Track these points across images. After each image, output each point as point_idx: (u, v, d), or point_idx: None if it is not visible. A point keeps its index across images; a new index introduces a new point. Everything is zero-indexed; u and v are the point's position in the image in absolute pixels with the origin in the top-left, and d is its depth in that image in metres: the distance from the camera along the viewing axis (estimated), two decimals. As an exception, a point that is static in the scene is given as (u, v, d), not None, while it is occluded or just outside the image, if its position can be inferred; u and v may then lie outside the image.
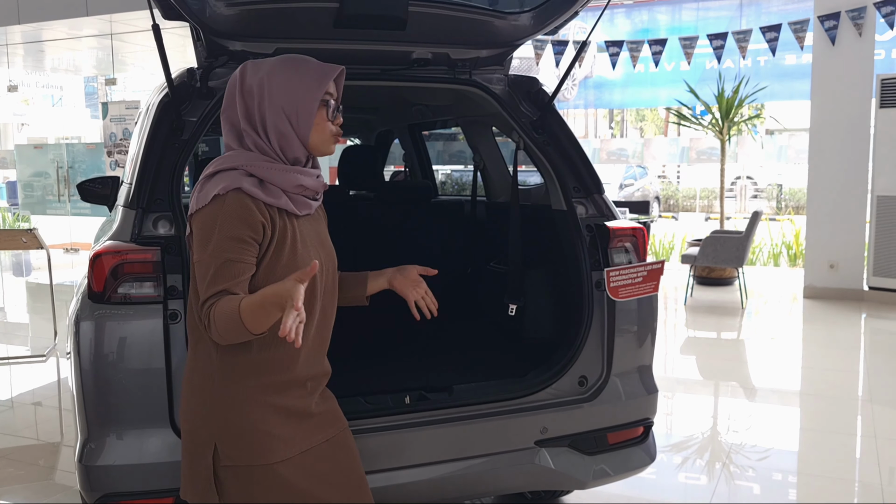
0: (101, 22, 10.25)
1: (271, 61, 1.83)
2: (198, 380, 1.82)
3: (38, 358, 5.71)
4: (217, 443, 1.78)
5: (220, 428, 1.78)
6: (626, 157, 14.47)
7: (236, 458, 1.78)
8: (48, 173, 12.02)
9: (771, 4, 9.68)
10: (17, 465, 3.84)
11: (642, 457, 2.76)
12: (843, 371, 5.39)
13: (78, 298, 2.29)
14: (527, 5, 2.73)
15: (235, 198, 1.70)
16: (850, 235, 7.64)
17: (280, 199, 1.77)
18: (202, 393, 1.81)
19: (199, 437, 1.81)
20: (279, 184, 1.77)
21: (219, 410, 1.79)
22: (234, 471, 1.79)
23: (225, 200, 1.70)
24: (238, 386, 1.79)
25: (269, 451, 1.79)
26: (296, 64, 1.82)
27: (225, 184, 1.71)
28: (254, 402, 1.79)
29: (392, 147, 5.35)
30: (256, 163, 1.76)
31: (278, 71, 1.80)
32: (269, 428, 1.79)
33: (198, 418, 1.82)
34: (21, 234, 5.58)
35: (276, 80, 1.78)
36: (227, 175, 1.74)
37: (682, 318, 7.17)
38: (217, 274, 1.67)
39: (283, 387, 1.82)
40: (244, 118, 1.79)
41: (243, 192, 1.71)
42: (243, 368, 1.79)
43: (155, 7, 2.21)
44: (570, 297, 2.74)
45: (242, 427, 1.78)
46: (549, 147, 2.81)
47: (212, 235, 1.69)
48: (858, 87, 7.50)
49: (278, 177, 1.77)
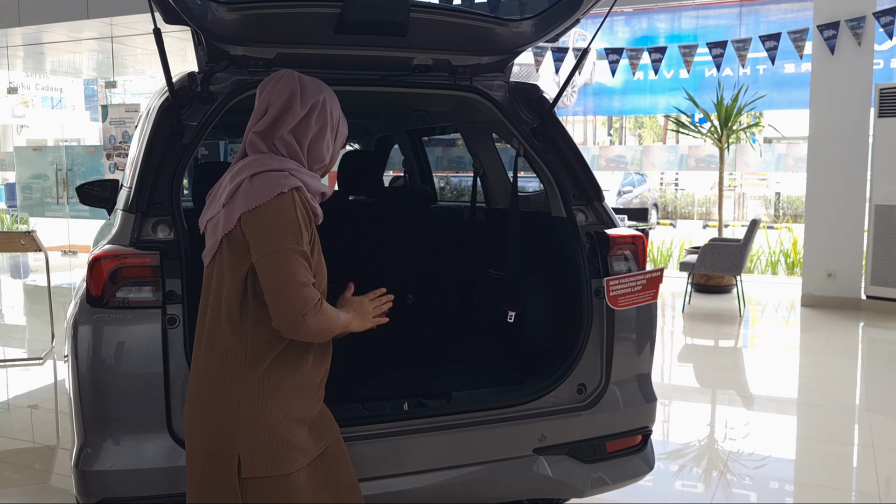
0: (101, 25, 10.27)
1: (322, 83, 1.95)
2: (224, 391, 1.79)
3: (36, 361, 5.70)
4: (241, 454, 1.76)
5: (246, 438, 1.76)
6: (624, 164, 14.48)
7: (258, 469, 1.77)
8: (47, 175, 12.01)
9: (770, 13, 9.72)
10: (13, 469, 3.83)
11: (640, 465, 2.76)
12: (841, 380, 5.39)
13: (76, 302, 2.28)
14: (528, 13, 2.74)
15: (299, 197, 1.78)
16: (849, 244, 7.64)
17: (317, 206, 1.86)
18: (229, 404, 1.78)
19: (222, 448, 1.78)
20: (312, 189, 1.85)
21: (246, 421, 1.76)
22: (255, 482, 1.77)
23: (290, 198, 1.76)
24: (267, 395, 1.78)
25: (289, 460, 1.79)
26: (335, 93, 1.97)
27: (287, 182, 1.77)
28: (278, 410, 1.79)
29: (391, 152, 5.35)
30: (300, 168, 1.85)
31: (332, 96, 1.94)
32: (290, 437, 1.80)
33: (222, 429, 1.78)
34: (19, 236, 5.57)
35: (334, 103, 1.93)
36: (278, 175, 1.78)
37: (680, 326, 7.17)
38: (308, 264, 1.75)
39: (299, 393, 1.83)
40: (298, 125, 1.87)
41: (304, 193, 1.80)
42: (272, 377, 1.79)
43: (156, 11, 2.21)
44: (569, 304, 2.74)
45: (267, 437, 1.77)
46: (550, 154, 2.81)
47: (291, 228, 1.74)
48: (857, 96, 7.52)
49: (313, 183, 1.86)
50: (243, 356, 1.78)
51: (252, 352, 1.78)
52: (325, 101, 1.91)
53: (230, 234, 1.78)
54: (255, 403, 1.77)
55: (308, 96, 1.89)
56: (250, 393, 1.77)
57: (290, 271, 1.71)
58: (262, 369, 1.78)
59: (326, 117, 1.91)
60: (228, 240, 1.78)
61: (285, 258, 1.71)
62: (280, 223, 1.73)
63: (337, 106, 1.95)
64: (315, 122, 1.89)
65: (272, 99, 1.88)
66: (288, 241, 1.72)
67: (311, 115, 1.88)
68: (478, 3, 3.70)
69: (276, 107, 1.87)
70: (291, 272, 1.71)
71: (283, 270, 1.71)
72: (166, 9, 2.22)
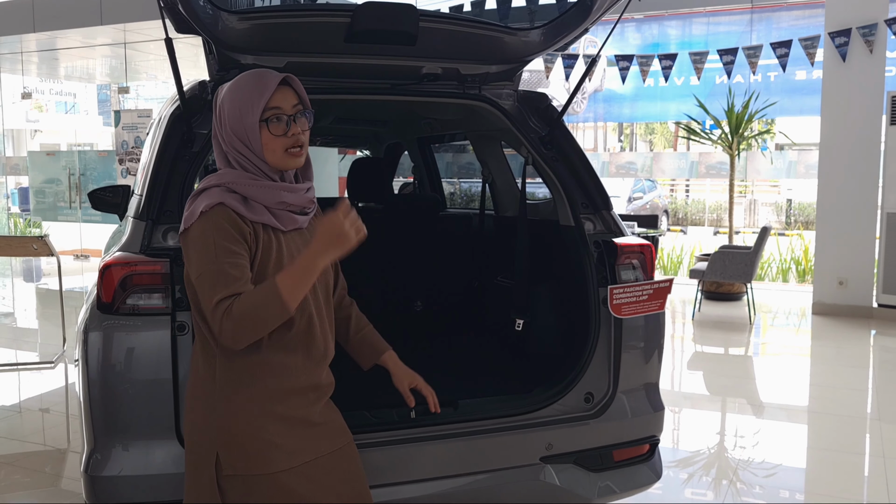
0: (114, 31, 10.36)
1: (227, 84, 1.87)
2: (200, 389, 1.85)
3: (47, 364, 5.74)
4: (219, 451, 1.80)
5: (222, 436, 1.80)
6: (634, 170, 14.44)
7: (238, 467, 1.80)
8: (60, 180, 12.10)
9: (781, 20, 9.69)
10: (24, 472, 3.85)
11: (648, 474, 2.75)
12: (852, 389, 5.36)
13: (87, 308, 2.30)
14: (537, 22, 2.75)
15: (220, 212, 1.75)
16: (860, 252, 7.60)
17: (263, 216, 1.81)
18: (204, 402, 1.83)
19: (202, 446, 1.83)
20: (261, 200, 1.81)
21: (220, 419, 1.80)
22: (236, 480, 1.80)
23: (210, 216, 1.75)
24: (239, 395, 1.80)
25: (270, 460, 1.80)
26: (238, 84, 1.84)
27: (208, 201, 1.75)
28: (254, 410, 1.81)
29: (401, 158, 5.36)
30: (239, 180, 1.80)
31: (227, 95, 1.84)
32: (270, 437, 1.81)
33: (200, 427, 1.84)
34: (32, 240, 5.62)
35: (226, 104, 1.83)
36: (211, 192, 1.79)
37: (690, 333, 7.14)
38: (224, 279, 1.69)
39: (283, 395, 1.84)
40: (220, 139, 1.85)
41: (227, 207, 1.76)
42: (244, 377, 1.81)
43: (168, 20, 2.23)
44: (576, 313, 2.74)
45: (243, 436, 1.80)
46: (558, 163, 2.81)
47: (207, 250, 1.73)
48: (869, 103, 7.49)
49: (260, 193, 1.81)
50: (221, 359, 1.81)
51: (221, 353, 1.80)
52: (222, 104, 1.83)
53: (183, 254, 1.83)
54: (230, 402, 1.80)
55: (217, 103, 1.86)
56: (224, 393, 1.80)
57: (201, 287, 1.72)
58: (234, 369, 1.80)
59: (223, 118, 1.82)
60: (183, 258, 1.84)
61: (199, 277, 1.73)
62: (199, 245, 1.74)
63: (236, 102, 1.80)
64: (222, 128, 1.83)
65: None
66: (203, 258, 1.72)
67: (217, 123, 1.85)
68: (487, 12, 3.71)
69: (213, 119, 1.88)
70: (202, 287, 1.72)
71: (199, 288, 1.73)
72: (178, 18, 2.24)
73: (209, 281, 1.70)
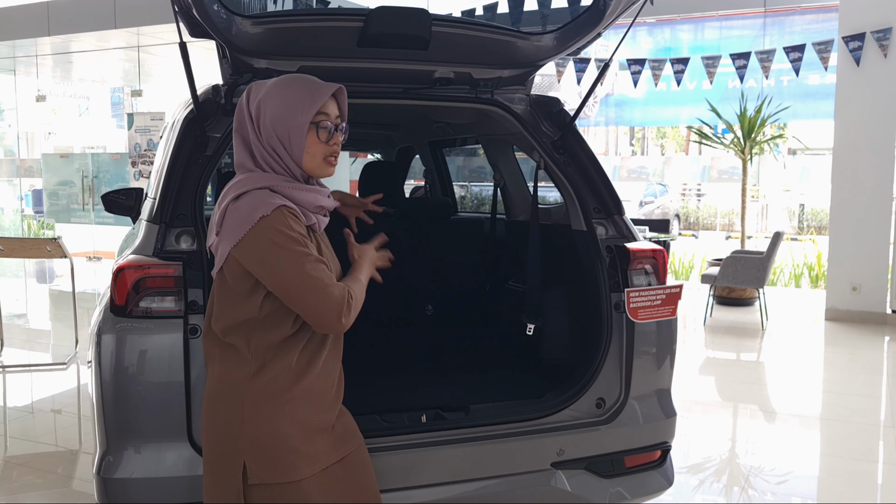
0: (128, 34, 10.42)
1: (270, 82, 1.85)
2: (226, 397, 1.81)
3: (60, 365, 5.77)
4: (246, 460, 1.78)
5: (252, 445, 1.78)
6: (646, 174, 14.43)
7: (265, 475, 1.78)
8: (73, 182, 12.18)
9: (795, 24, 9.63)
10: (36, 473, 3.87)
11: (660, 481, 2.74)
12: (865, 396, 5.32)
13: (100, 311, 2.31)
14: (550, 26, 2.75)
15: (286, 214, 1.74)
16: (874, 258, 7.54)
17: (310, 218, 1.82)
18: (233, 410, 1.80)
19: (227, 455, 1.80)
20: (304, 203, 1.80)
21: (251, 427, 1.78)
22: (261, 489, 1.79)
23: (277, 218, 1.72)
24: (270, 403, 1.79)
25: (295, 467, 1.80)
26: (288, 85, 1.83)
27: (266, 205, 1.72)
28: (283, 418, 1.79)
29: (412, 161, 5.37)
30: (281, 183, 1.78)
31: (273, 92, 1.82)
32: (296, 444, 1.80)
33: (226, 436, 1.81)
34: (45, 242, 5.66)
35: (270, 102, 1.80)
36: (259, 195, 1.74)
37: (702, 339, 7.11)
38: (327, 276, 1.73)
39: (308, 401, 1.83)
40: (253, 139, 1.82)
41: (288, 209, 1.75)
42: (276, 385, 1.79)
43: (182, 25, 2.24)
44: (588, 318, 2.73)
45: (272, 443, 1.78)
46: (570, 167, 2.81)
47: (292, 254, 1.70)
48: (883, 108, 7.44)
49: (302, 196, 1.80)
50: (248, 364, 1.79)
51: (256, 360, 1.79)
52: (261, 103, 1.81)
53: (227, 263, 1.78)
54: (260, 411, 1.78)
55: (250, 102, 1.83)
56: (256, 401, 1.78)
57: (311, 289, 1.70)
58: (268, 377, 1.79)
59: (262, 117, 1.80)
60: (227, 267, 1.79)
61: (301, 281, 1.70)
62: (273, 249, 1.70)
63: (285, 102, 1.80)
64: (261, 128, 1.80)
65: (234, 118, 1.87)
66: (295, 262, 1.70)
67: (254, 122, 1.81)
68: (499, 16, 3.71)
69: (235, 120, 1.86)
70: (313, 289, 1.70)
71: (304, 293, 1.71)
72: (192, 23, 2.25)
73: (309, 278, 1.70)
